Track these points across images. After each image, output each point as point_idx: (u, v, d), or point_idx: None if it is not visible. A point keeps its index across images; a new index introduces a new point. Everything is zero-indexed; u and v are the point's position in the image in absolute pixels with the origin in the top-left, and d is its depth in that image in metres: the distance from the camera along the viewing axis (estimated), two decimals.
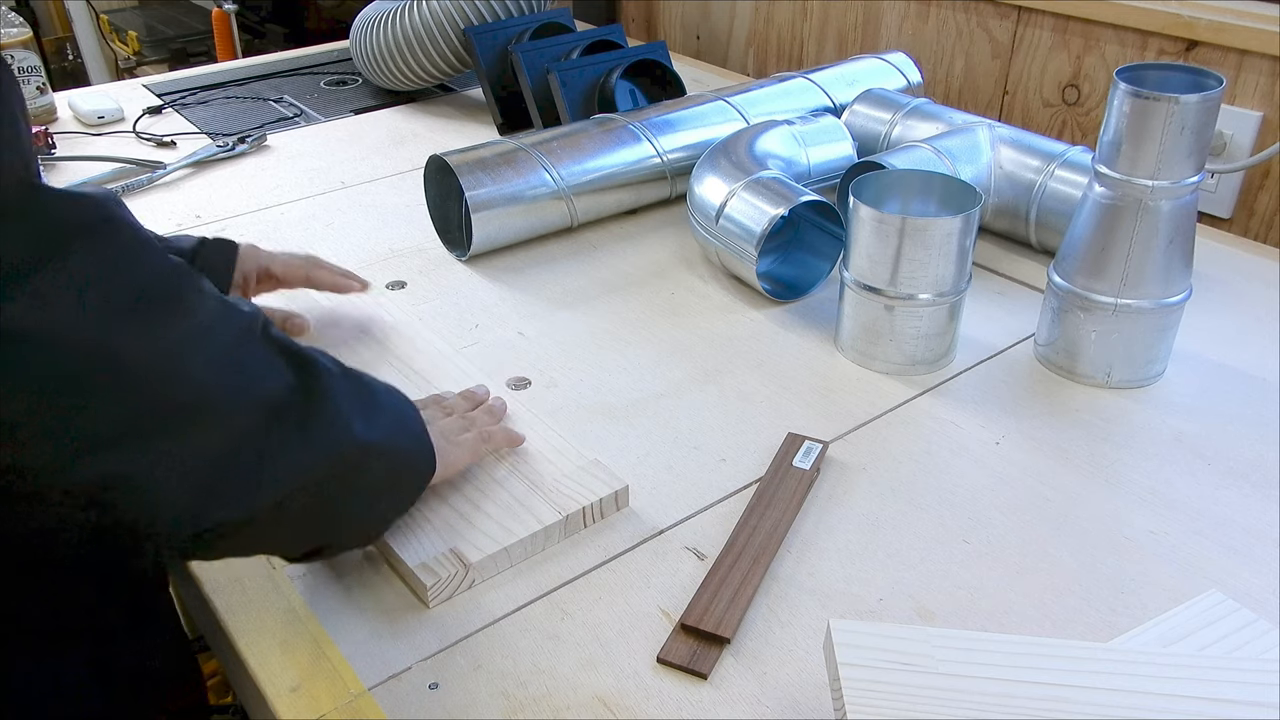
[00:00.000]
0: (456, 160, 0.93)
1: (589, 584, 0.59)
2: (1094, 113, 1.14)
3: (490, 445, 0.64)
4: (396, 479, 0.56)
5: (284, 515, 0.48)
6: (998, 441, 0.71)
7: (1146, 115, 0.68)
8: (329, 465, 0.49)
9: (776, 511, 0.63)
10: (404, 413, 0.57)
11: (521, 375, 0.78)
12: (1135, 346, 0.75)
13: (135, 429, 0.42)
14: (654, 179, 1.02)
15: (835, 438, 0.71)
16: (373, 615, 0.57)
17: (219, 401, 0.45)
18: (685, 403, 0.75)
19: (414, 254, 0.97)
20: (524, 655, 0.54)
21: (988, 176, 0.93)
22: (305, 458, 0.48)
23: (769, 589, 0.58)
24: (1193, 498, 0.65)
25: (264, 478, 0.46)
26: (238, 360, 0.46)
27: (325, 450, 0.49)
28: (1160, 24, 1.04)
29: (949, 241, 0.73)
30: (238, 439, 0.45)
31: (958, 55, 1.26)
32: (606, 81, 1.16)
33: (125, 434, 0.41)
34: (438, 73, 1.31)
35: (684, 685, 0.53)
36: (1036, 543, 0.62)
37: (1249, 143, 1.02)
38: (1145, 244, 0.71)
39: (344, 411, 0.50)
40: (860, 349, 0.79)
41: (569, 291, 0.90)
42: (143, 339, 0.42)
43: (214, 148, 1.20)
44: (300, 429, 0.48)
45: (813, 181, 0.96)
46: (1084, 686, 0.44)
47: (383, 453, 0.53)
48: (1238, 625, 0.51)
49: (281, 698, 0.52)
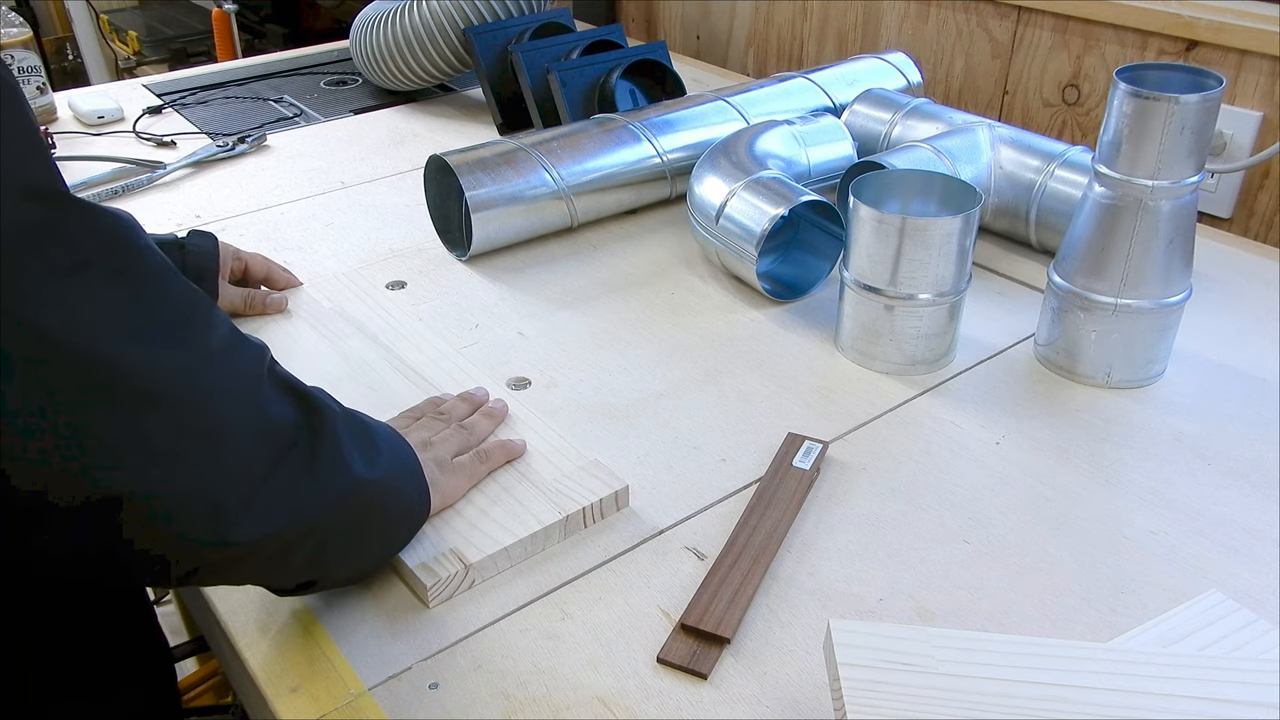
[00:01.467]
0: (456, 160, 0.93)
1: (589, 584, 0.59)
2: (1094, 113, 1.14)
3: (489, 465, 0.64)
4: (392, 520, 0.56)
5: (283, 548, 0.48)
6: (998, 441, 0.71)
7: (1146, 115, 0.68)
8: (331, 502, 0.50)
9: (776, 511, 0.63)
10: (401, 453, 0.57)
11: (521, 375, 0.78)
12: (1135, 346, 0.75)
13: (146, 448, 0.41)
14: (654, 179, 1.02)
15: (835, 438, 0.71)
16: (373, 615, 0.57)
17: (232, 427, 0.45)
18: (685, 403, 0.75)
19: (414, 254, 0.97)
20: (524, 655, 0.54)
21: (988, 176, 0.93)
22: (310, 492, 0.48)
23: (769, 589, 0.58)
24: (1193, 498, 0.65)
25: (270, 509, 0.46)
26: (250, 389, 0.46)
27: (329, 487, 0.49)
28: (1160, 24, 1.04)
29: (949, 241, 0.73)
30: (246, 466, 0.45)
31: (958, 55, 1.26)
32: (606, 81, 1.16)
33: (136, 452, 0.41)
34: (438, 73, 1.31)
35: (684, 685, 0.53)
36: (1036, 543, 0.62)
37: (1249, 143, 1.02)
38: (1145, 244, 0.71)
39: (347, 451, 0.51)
40: (860, 349, 0.79)
41: (569, 291, 0.90)
42: (160, 359, 0.42)
43: (214, 148, 1.20)
44: (307, 464, 0.48)
45: (813, 181, 0.96)
46: (1084, 686, 0.44)
47: (382, 493, 0.54)
48: (1238, 625, 0.51)
49: (281, 698, 0.52)
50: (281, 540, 0.47)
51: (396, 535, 0.57)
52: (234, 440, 0.45)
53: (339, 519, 0.51)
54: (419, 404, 0.70)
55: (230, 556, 0.46)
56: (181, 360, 0.43)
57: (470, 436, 0.65)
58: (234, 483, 0.45)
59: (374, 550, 0.56)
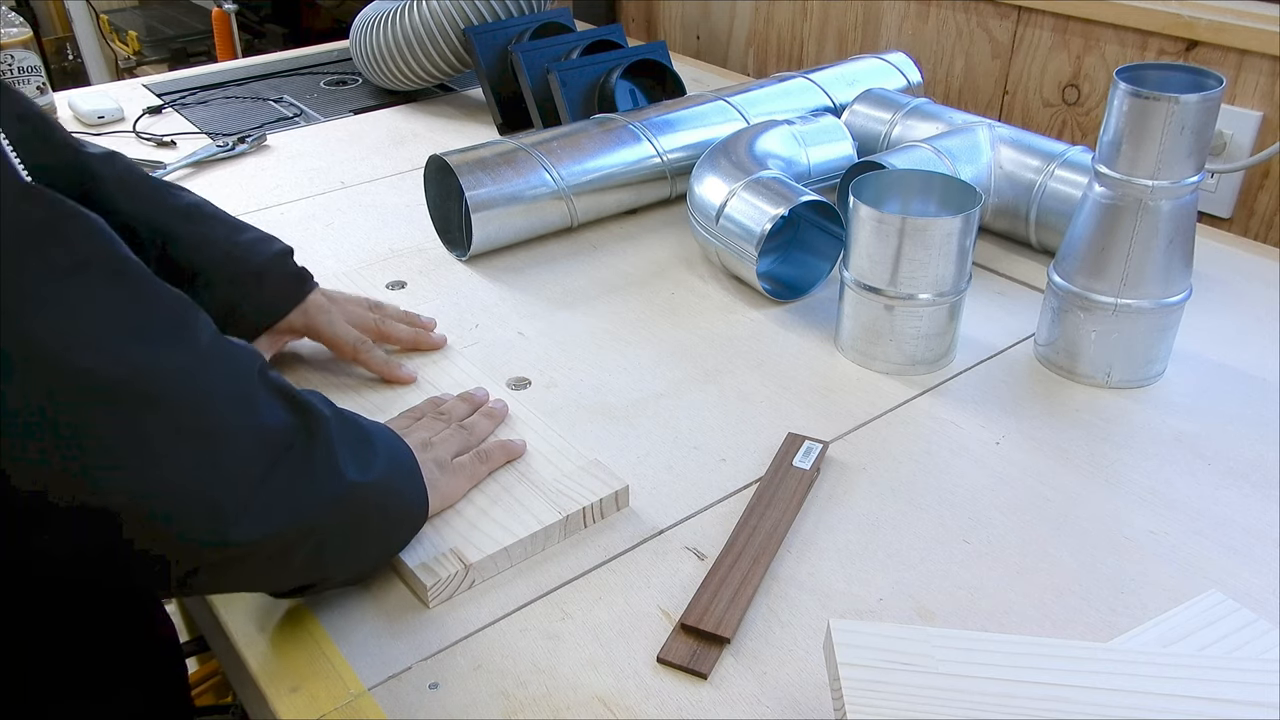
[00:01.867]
0: (456, 160, 0.93)
1: (589, 584, 0.59)
2: (1094, 113, 1.14)
3: (489, 466, 0.64)
4: (390, 522, 0.56)
5: (283, 548, 0.48)
6: (998, 441, 0.71)
7: (1146, 115, 0.68)
8: (328, 505, 0.50)
9: (776, 511, 0.63)
10: (398, 455, 0.57)
11: (521, 375, 0.78)
12: (1135, 346, 0.75)
13: (146, 449, 0.41)
14: (654, 179, 1.02)
15: (835, 438, 0.71)
16: (373, 615, 0.57)
17: (229, 428, 0.45)
18: (685, 403, 0.75)
19: (414, 254, 0.97)
20: (524, 655, 0.54)
21: (988, 176, 0.93)
22: (307, 496, 0.48)
23: (769, 589, 0.58)
24: (1193, 498, 0.65)
25: (268, 509, 0.46)
26: (242, 392, 0.46)
27: (325, 490, 0.49)
28: (1160, 24, 1.04)
29: (949, 241, 0.73)
30: (245, 467, 0.45)
31: (958, 55, 1.26)
32: (606, 81, 1.16)
33: (135, 453, 0.41)
34: (438, 73, 1.31)
35: (684, 685, 0.53)
36: (1036, 543, 0.62)
37: (1249, 143, 1.02)
38: (1145, 244, 0.71)
39: (342, 455, 0.51)
40: (860, 349, 0.79)
41: (569, 291, 0.90)
42: (160, 359, 0.42)
43: (214, 148, 1.20)
44: (304, 466, 0.48)
45: (813, 181, 0.96)
46: (1084, 686, 0.44)
47: (378, 496, 0.54)
48: (1238, 625, 0.51)
49: (281, 698, 0.52)
50: (281, 540, 0.47)
51: (395, 536, 0.57)
52: (232, 441, 0.45)
53: (337, 520, 0.51)
54: (419, 404, 0.70)
55: (230, 557, 0.46)
56: (180, 360, 0.43)
57: (470, 437, 0.65)
58: (232, 484, 0.45)
59: (373, 551, 0.56)
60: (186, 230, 0.70)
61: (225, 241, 0.71)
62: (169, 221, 0.70)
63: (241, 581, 0.51)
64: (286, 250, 0.74)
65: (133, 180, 0.70)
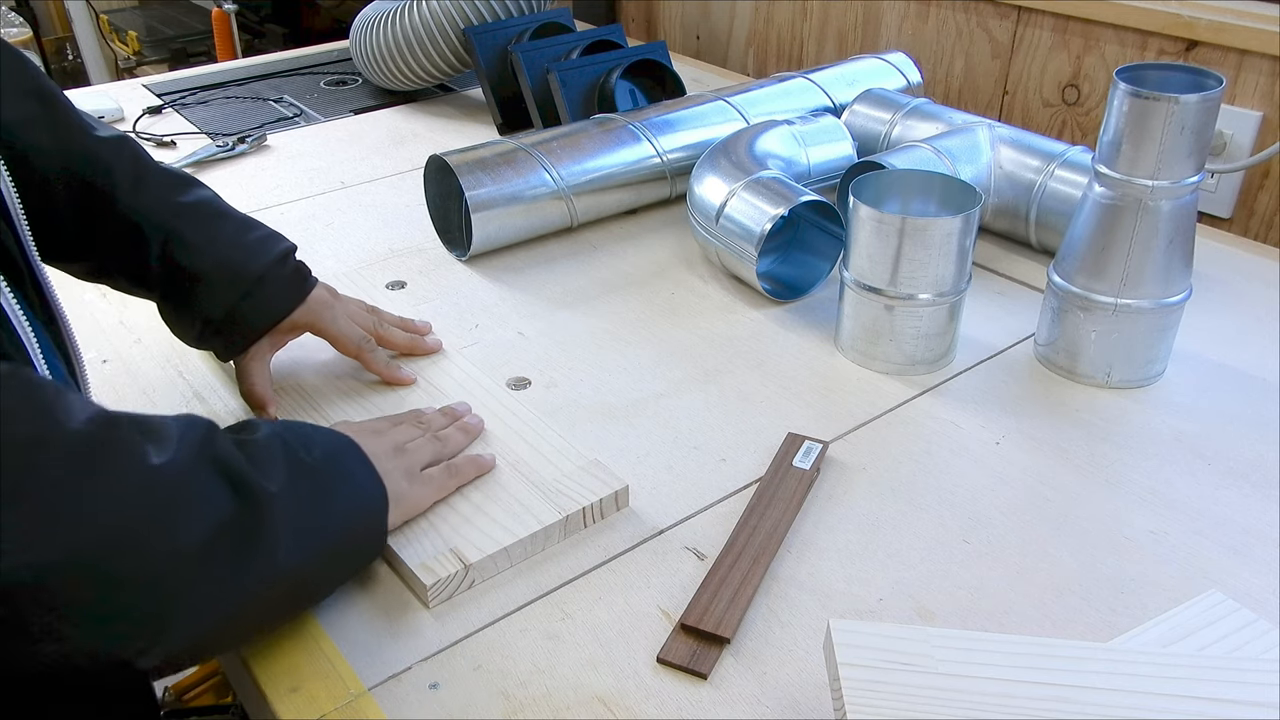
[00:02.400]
0: (456, 160, 0.93)
1: (589, 584, 0.59)
2: (1094, 113, 1.14)
3: (458, 480, 0.63)
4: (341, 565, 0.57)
5: (222, 632, 0.50)
6: (998, 441, 0.71)
7: (1146, 115, 0.68)
8: (266, 589, 0.50)
9: (776, 511, 0.63)
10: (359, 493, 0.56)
11: (521, 375, 0.78)
12: (1135, 346, 0.75)
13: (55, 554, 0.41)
14: (654, 179, 1.02)
15: (835, 438, 0.71)
16: (373, 615, 0.57)
17: (142, 544, 0.44)
18: (685, 403, 0.75)
19: (414, 254, 0.97)
20: (524, 655, 0.54)
21: (988, 176, 0.93)
22: (238, 587, 0.48)
23: (769, 589, 0.58)
24: (1193, 498, 0.65)
25: (199, 608, 0.46)
26: (166, 502, 0.46)
27: (261, 578, 0.49)
28: (1160, 24, 1.04)
29: (949, 241, 0.73)
30: (165, 576, 0.45)
31: (958, 55, 1.26)
32: (606, 81, 1.16)
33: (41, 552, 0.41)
34: (438, 73, 1.31)
35: (684, 685, 0.53)
36: (1036, 543, 0.62)
37: (1249, 143, 1.02)
38: (1145, 244, 0.71)
39: (284, 538, 0.50)
40: (860, 349, 0.79)
41: (569, 291, 0.90)
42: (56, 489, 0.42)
43: (214, 148, 1.20)
44: (236, 559, 0.48)
45: (813, 181, 0.96)
46: (1084, 686, 0.44)
47: (327, 560, 0.54)
48: (1238, 625, 0.51)
49: (281, 698, 0.52)
50: (222, 623, 0.49)
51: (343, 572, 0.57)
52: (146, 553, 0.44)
53: (279, 599, 0.52)
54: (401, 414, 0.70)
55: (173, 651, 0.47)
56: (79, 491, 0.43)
57: (443, 448, 0.65)
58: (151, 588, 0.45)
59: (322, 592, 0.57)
60: (191, 230, 0.69)
61: (229, 243, 0.71)
62: (174, 220, 0.69)
63: (198, 658, 0.52)
64: (289, 249, 0.74)
65: (142, 172, 0.70)
